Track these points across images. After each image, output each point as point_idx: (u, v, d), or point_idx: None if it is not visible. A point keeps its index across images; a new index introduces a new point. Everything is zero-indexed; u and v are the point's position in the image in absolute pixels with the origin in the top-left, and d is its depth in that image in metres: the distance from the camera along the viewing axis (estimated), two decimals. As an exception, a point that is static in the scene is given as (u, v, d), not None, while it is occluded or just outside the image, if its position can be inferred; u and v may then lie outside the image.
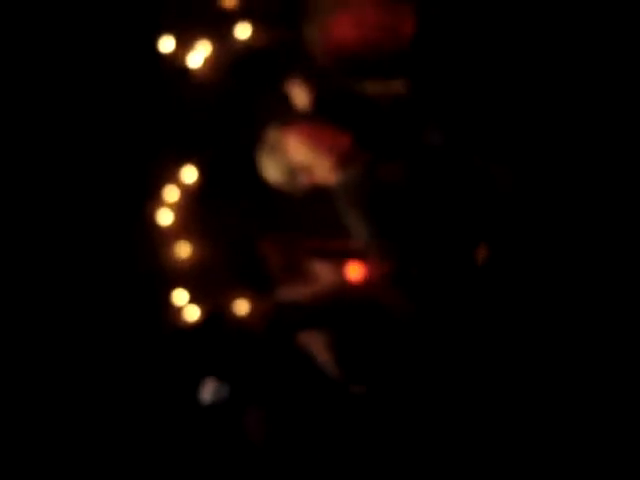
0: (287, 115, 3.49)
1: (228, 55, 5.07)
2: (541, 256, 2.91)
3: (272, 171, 3.37)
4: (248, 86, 5.03)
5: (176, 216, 4.97)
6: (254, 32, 5.07)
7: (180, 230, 4.96)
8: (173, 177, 4.99)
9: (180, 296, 4.88)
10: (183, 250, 4.92)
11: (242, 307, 4.19)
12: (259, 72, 5.03)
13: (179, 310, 4.82)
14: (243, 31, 5.04)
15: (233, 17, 5.07)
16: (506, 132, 2.90)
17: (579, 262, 2.86)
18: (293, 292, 3.84)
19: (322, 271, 3.93)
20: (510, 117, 2.87)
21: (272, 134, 3.40)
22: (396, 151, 3.25)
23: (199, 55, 5.02)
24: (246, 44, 5.07)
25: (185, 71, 5.03)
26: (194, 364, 4.31)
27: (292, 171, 3.31)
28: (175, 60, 5.04)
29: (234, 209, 4.89)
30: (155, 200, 4.97)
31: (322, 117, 3.37)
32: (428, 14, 3.04)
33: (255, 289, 4.17)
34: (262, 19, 5.08)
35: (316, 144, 3.27)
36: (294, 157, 3.28)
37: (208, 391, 4.06)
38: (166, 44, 4.98)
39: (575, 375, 2.96)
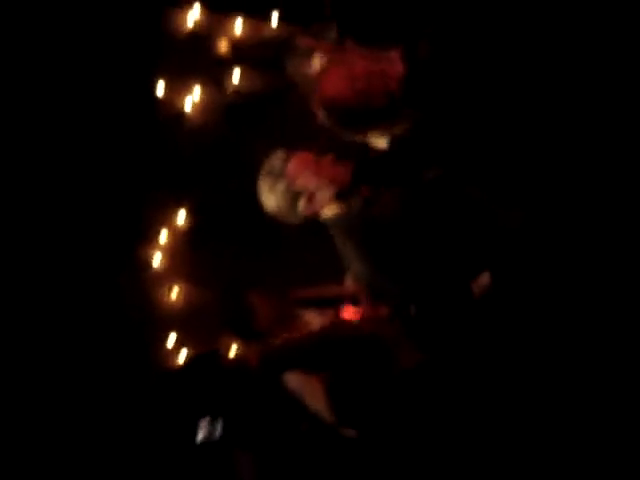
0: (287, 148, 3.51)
1: (222, 100, 5.13)
2: (541, 289, 2.94)
3: (273, 197, 3.35)
4: (241, 130, 5.09)
5: (167, 259, 5.02)
6: (247, 78, 5.14)
7: (171, 273, 5.01)
8: (165, 220, 5.04)
9: (170, 339, 4.93)
10: (174, 293, 4.96)
11: (233, 349, 4.21)
12: (252, 117, 5.09)
13: (169, 352, 4.85)
14: (237, 77, 5.12)
15: (227, 63, 5.14)
16: (506, 168, 2.94)
17: (580, 296, 2.88)
18: (278, 347, 3.86)
19: (313, 320, 3.96)
20: (508, 154, 2.91)
21: (276, 159, 3.41)
22: (395, 186, 3.28)
23: (194, 99, 5.09)
24: (240, 90, 5.14)
25: (180, 115, 5.09)
26: (186, 403, 4.31)
27: (292, 197, 3.31)
28: (170, 104, 5.10)
29: (225, 253, 4.93)
30: (147, 243, 5.01)
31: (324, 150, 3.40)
32: (416, 58, 3.09)
33: (244, 335, 4.19)
34: (255, 66, 5.14)
35: (318, 172, 3.29)
36: (296, 182, 3.29)
37: (201, 429, 4.07)
38: (162, 88, 5.05)
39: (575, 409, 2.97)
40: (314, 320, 3.96)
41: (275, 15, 5.13)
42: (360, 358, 3.58)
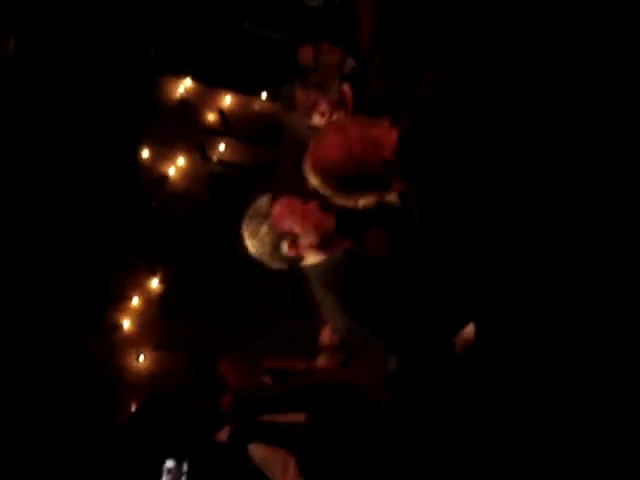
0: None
1: (205, 169, 5.14)
2: (530, 337, 2.90)
3: (257, 239, 3.34)
4: (222, 200, 5.08)
5: (137, 323, 4.93)
6: (233, 150, 5.17)
7: (140, 338, 4.91)
8: (137, 284, 4.97)
9: (134, 406, 4.79)
10: (142, 358, 4.85)
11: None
12: (234, 187, 5.09)
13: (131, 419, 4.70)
14: (222, 148, 5.14)
15: (214, 134, 5.17)
16: (495, 218, 2.93)
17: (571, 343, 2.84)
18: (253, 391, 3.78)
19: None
20: (498, 204, 2.90)
21: (262, 202, 3.39)
22: (378, 232, 3.28)
23: (177, 165, 5.10)
24: (224, 160, 5.16)
25: (162, 180, 5.08)
26: (152, 444, 4.16)
27: (276, 240, 3.30)
28: (154, 168, 5.10)
29: (197, 319, 4.86)
30: (117, 307, 4.93)
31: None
32: (409, 124, 3.10)
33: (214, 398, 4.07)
34: (241, 138, 5.18)
35: (303, 216, 3.29)
36: (280, 225, 3.28)
37: (166, 473, 3.91)
38: (145, 151, 5.06)
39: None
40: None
41: (264, 93, 5.21)
42: (334, 402, 3.49)
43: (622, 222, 2.81)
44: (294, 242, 3.29)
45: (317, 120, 3.96)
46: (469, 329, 3.11)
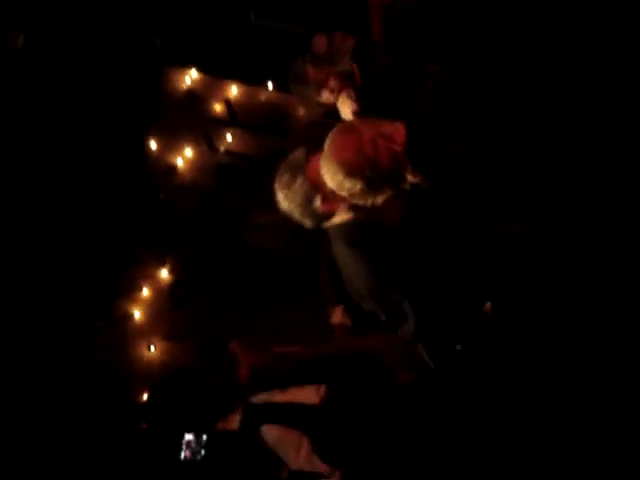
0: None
1: (213, 160, 5.16)
2: (546, 313, 2.91)
3: (289, 193, 3.34)
4: (229, 190, 5.11)
5: (147, 313, 4.96)
6: (240, 140, 5.18)
7: (151, 328, 4.94)
8: (147, 275, 5.00)
9: (145, 396, 4.82)
10: (153, 348, 4.88)
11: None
12: (241, 178, 5.11)
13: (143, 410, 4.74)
14: (229, 138, 5.16)
15: (221, 125, 5.19)
16: (509, 190, 2.95)
17: (583, 317, 2.85)
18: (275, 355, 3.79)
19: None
20: (511, 176, 2.93)
21: (298, 155, 3.41)
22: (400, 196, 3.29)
23: (185, 157, 5.12)
24: (231, 151, 5.17)
25: (171, 171, 5.10)
26: (171, 419, 4.19)
27: (309, 194, 3.30)
28: (162, 160, 5.12)
29: (207, 308, 4.89)
30: (128, 297, 4.96)
31: None
32: (418, 125, 3.13)
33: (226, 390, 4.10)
34: (248, 129, 5.20)
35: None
36: (306, 194, 3.28)
37: (185, 447, 3.93)
38: (153, 142, 5.08)
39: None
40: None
41: (270, 84, 5.21)
42: (355, 374, 3.49)
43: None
44: (326, 198, 3.30)
45: (326, 96, 3.98)
46: (487, 305, 3.14)
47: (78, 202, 4.94)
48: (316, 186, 3.27)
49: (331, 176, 3.18)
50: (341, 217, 3.34)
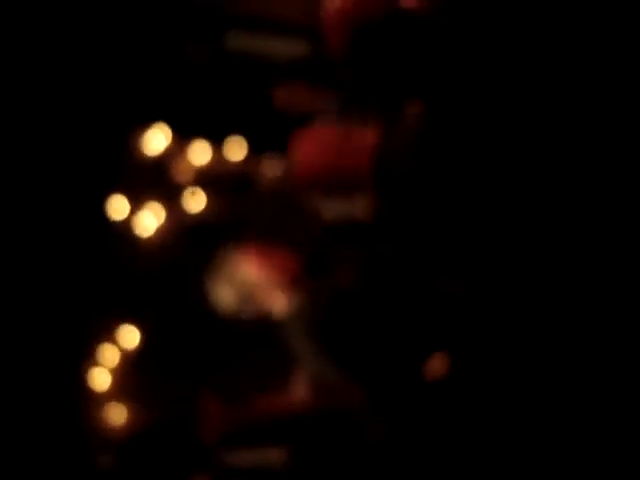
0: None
1: (179, 224, 5.12)
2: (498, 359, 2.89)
3: (224, 294, 3.39)
4: (197, 255, 5.06)
5: (113, 379, 4.87)
6: (206, 202, 5.15)
7: (116, 393, 4.85)
8: (111, 338, 4.92)
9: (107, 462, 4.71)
10: (118, 414, 4.78)
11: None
12: (209, 242, 5.07)
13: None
14: (196, 200, 5.12)
15: (185, 187, 5.16)
16: (456, 249, 2.92)
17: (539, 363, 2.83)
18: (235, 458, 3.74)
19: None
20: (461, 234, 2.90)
21: (224, 258, 3.43)
22: (346, 276, 3.29)
23: (150, 222, 5.07)
24: (197, 214, 5.14)
25: (134, 237, 5.06)
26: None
27: (243, 294, 3.34)
28: (125, 225, 5.07)
29: (174, 373, 4.82)
30: (91, 361, 4.88)
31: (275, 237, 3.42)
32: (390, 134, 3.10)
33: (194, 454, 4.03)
34: (214, 190, 5.17)
35: (267, 267, 3.32)
36: (245, 280, 3.32)
37: None
38: (117, 209, 5.03)
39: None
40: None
41: (241, 143, 5.20)
42: (325, 432, 3.46)
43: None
44: (262, 295, 3.33)
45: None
46: (437, 358, 3.11)
47: (40, 264, 4.89)
48: (248, 284, 3.32)
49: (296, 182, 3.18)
50: (282, 303, 3.34)
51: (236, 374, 4.70)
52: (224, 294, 3.47)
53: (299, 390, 3.85)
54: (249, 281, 3.37)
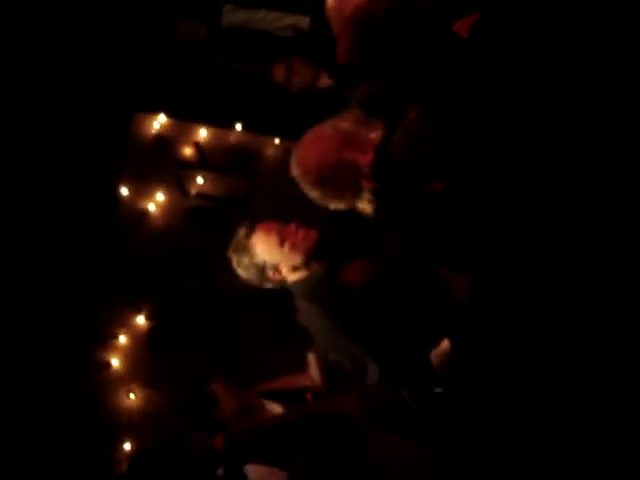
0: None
1: (184, 203, 5.16)
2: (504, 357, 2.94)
3: (243, 268, 3.45)
4: (202, 234, 5.10)
5: (124, 361, 4.94)
6: (210, 183, 5.18)
7: (130, 375, 4.91)
8: (123, 322, 4.99)
9: (127, 445, 4.80)
10: (132, 396, 4.85)
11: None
12: (213, 221, 5.11)
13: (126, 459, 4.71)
14: (200, 181, 5.16)
15: (191, 168, 5.19)
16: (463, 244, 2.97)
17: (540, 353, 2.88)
18: (245, 429, 3.80)
19: (274, 411, 3.91)
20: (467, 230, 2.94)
21: (240, 235, 3.49)
22: (358, 253, 3.35)
23: (157, 201, 5.11)
24: (202, 194, 5.17)
25: (142, 217, 5.10)
26: None
27: (259, 269, 3.41)
28: (133, 206, 5.11)
29: (185, 353, 4.87)
30: (104, 346, 4.94)
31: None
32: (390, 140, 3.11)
33: (206, 427, 4.08)
34: (218, 171, 5.20)
35: (282, 241, 3.37)
36: (261, 255, 3.38)
37: None
38: (124, 189, 5.08)
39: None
40: (275, 411, 3.90)
41: (239, 125, 5.22)
42: (329, 440, 3.51)
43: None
44: (276, 268, 3.40)
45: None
46: (444, 344, 3.17)
47: (51, 251, 4.93)
48: (264, 258, 3.38)
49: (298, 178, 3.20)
50: (299, 274, 3.40)
51: (249, 356, 4.77)
52: (243, 268, 3.53)
53: (312, 372, 3.90)
54: (264, 256, 3.44)
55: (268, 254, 3.43)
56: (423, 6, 2.92)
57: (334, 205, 3.01)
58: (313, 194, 2.99)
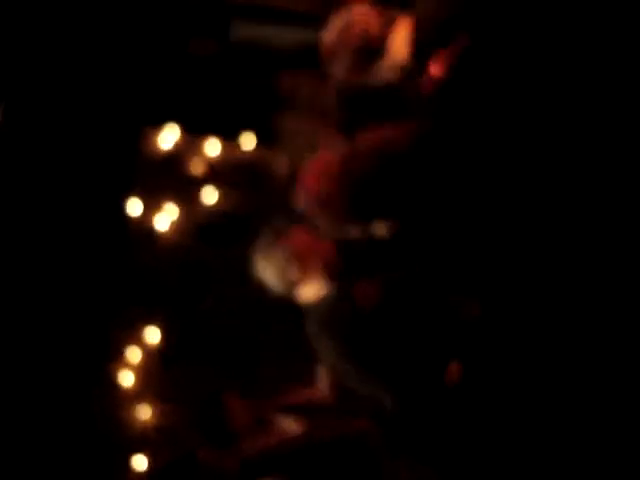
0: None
1: (195, 219, 5.16)
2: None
3: (266, 272, 3.45)
4: (214, 249, 5.10)
5: (138, 377, 4.92)
6: (221, 197, 5.18)
7: (142, 392, 4.90)
8: (135, 337, 4.98)
9: (140, 461, 4.78)
10: (144, 412, 4.84)
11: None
12: (225, 236, 5.11)
13: (138, 476, 4.70)
14: (210, 196, 5.16)
15: (200, 182, 5.19)
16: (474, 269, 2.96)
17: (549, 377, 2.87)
18: (258, 444, 3.79)
19: (287, 425, 3.91)
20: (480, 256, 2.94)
21: (266, 240, 3.49)
22: (375, 277, 3.35)
23: (166, 218, 5.11)
24: (213, 208, 5.17)
25: (153, 233, 5.10)
26: None
27: (283, 272, 3.40)
28: (143, 222, 5.11)
29: (198, 368, 4.87)
30: (117, 361, 4.93)
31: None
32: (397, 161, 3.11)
33: (220, 445, 4.08)
34: (229, 184, 5.20)
35: (304, 253, 3.37)
36: (284, 263, 3.37)
37: None
38: (134, 207, 5.08)
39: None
40: (290, 425, 3.90)
41: (250, 139, 5.22)
42: (344, 464, 3.52)
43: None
44: (304, 267, 3.37)
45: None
46: (453, 367, 3.16)
47: (63, 267, 4.93)
48: (296, 255, 3.36)
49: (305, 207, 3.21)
50: (314, 290, 3.38)
51: (260, 369, 4.77)
52: (267, 272, 3.53)
53: (322, 386, 3.90)
54: (288, 263, 3.44)
55: (292, 264, 3.42)
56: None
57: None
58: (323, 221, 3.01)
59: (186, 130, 5.22)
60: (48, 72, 5.06)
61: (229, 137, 5.26)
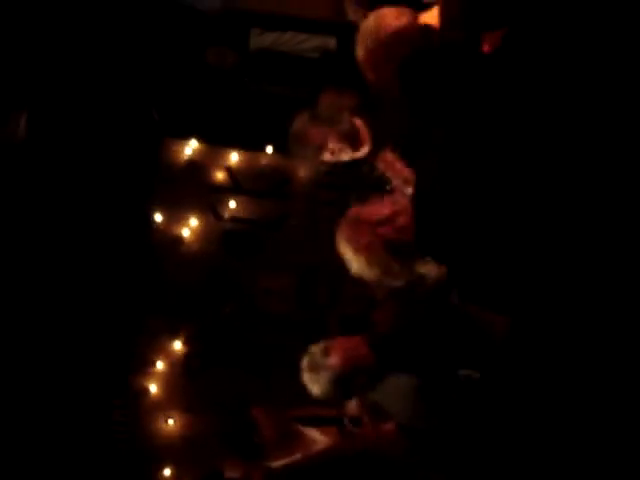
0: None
1: (218, 228, 5.17)
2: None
3: (317, 387, 3.45)
4: (236, 257, 5.11)
5: (164, 387, 4.94)
6: (243, 206, 5.20)
7: (168, 401, 4.91)
8: (160, 348, 5.00)
9: (167, 471, 4.80)
10: (171, 422, 4.86)
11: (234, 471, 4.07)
12: (247, 244, 5.12)
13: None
14: (233, 205, 5.17)
15: (223, 192, 5.21)
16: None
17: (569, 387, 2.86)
18: (286, 458, 3.78)
19: (315, 438, 3.89)
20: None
21: (316, 353, 3.49)
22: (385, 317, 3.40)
23: (190, 227, 5.13)
24: (235, 218, 5.18)
25: (176, 242, 5.11)
26: None
27: (338, 385, 3.42)
28: (167, 231, 5.13)
29: (222, 378, 4.87)
30: (142, 372, 4.95)
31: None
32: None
33: (247, 456, 4.08)
34: (251, 194, 5.21)
35: (353, 361, 3.40)
36: (335, 371, 3.38)
37: None
38: (158, 215, 5.10)
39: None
40: (316, 438, 3.89)
41: (270, 148, 5.23)
42: (370, 476, 3.52)
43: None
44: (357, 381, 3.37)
45: (328, 157, 3.92)
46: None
47: (87, 278, 4.96)
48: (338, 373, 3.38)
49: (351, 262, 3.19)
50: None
51: (287, 381, 4.75)
52: (316, 390, 3.55)
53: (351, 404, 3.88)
54: (338, 371, 3.47)
55: (342, 370, 3.43)
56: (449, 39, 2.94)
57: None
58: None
59: (207, 140, 5.24)
60: (73, 85, 5.11)
61: (250, 146, 5.27)
